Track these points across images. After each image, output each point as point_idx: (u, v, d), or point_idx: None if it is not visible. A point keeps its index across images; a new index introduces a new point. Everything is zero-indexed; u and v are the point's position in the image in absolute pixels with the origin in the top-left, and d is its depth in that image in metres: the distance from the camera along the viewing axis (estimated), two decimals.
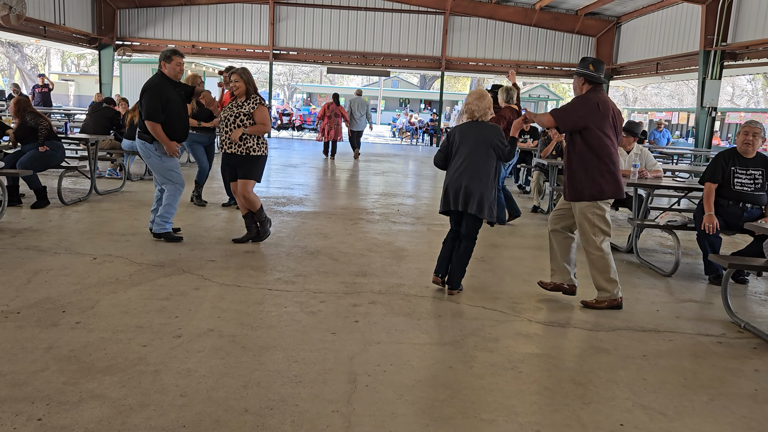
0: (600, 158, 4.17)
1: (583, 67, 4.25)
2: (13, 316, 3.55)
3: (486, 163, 4.33)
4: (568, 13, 19.79)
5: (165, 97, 5.36)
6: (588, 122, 4.14)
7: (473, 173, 4.29)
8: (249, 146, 5.47)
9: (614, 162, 4.21)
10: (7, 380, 2.77)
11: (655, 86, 43.92)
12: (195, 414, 2.58)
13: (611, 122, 4.21)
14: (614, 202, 6.49)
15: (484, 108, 4.40)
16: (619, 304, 4.30)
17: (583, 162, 4.20)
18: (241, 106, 5.43)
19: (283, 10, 20.25)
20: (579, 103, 4.22)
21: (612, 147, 4.21)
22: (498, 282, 4.87)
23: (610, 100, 4.28)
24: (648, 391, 3.05)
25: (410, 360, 3.26)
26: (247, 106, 5.43)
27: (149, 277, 4.44)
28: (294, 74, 52.22)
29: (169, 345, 3.26)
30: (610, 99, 4.30)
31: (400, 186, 10.63)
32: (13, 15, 13.62)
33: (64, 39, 18.09)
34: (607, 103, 4.21)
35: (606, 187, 4.18)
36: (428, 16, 20.35)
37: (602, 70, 4.27)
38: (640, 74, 19.05)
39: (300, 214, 7.27)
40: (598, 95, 4.21)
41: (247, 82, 5.45)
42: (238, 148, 5.45)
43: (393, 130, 28.42)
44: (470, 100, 4.45)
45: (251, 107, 5.42)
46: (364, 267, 5.07)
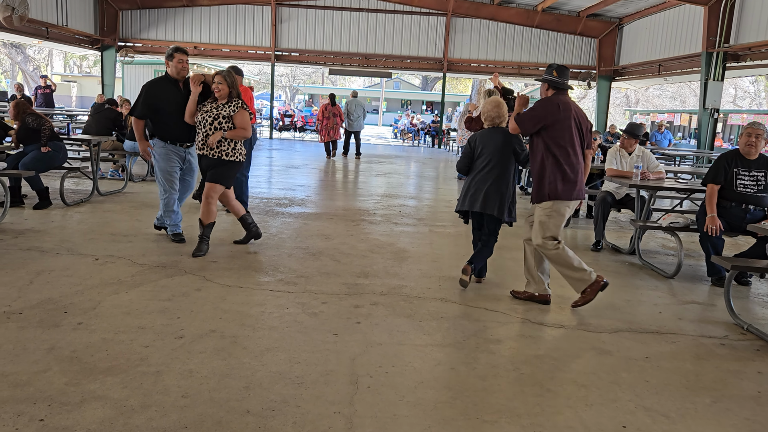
0: (557, 159, 4.18)
1: (548, 73, 4.31)
2: (15, 316, 3.56)
3: (507, 167, 4.51)
4: (570, 14, 19.79)
5: (156, 95, 5.28)
6: (546, 122, 4.17)
7: (496, 177, 4.46)
8: (223, 150, 5.18)
9: (573, 164, 4.21)
10: (9, 381, 2.77)
11: (657, 88, 43.88)
12: (197, 415, 2.58)
13: (573, 124, 4.21)
14: (616, 203, 6.51)
15: (502, 114, 4.57)
16: (601, 284, 4.22)
17: (543, 164, 4.23)
18: (221, 108, 5.16)
19: (285, 11, 20.27)
20: (539, 105, 4.27)
21: (571, 149, 4.20)
22: (500, 283, 4.87)
23: (573, 103, 4.32)
24: (650, 393, 3.04)
25: (412, 361, 3.25)
26: (228, 108, 5.16)
27: (151, 278, 4.44)
28: (296, 75, 52.27)
29: (171, 346, 3.26)
30: (574, 103, 4.33)
31: (402, 187, 10.62)
32: (16, 16, 13.64)
33: (67, 40, 18.12)
34: (569, 105, 4.24)
35: (561, 187, 4.18)
36: (430, 18, 20.36)
37: (566, 76, 4.32)
38: (642, 76, 19.04)
39: (302, 216, 7.27)
40: (559, 98, 4.25)
41: (230, 86, 5.17)
42: (211, 151, 5.17)
43: (395, 131, 28.42)
44: (489, 108, 4.59)
45: (232, 110, 5.16)
46: (365, 268, 5.06)
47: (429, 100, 41.23)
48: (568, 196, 4.21)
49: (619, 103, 48.26)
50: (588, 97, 45.06)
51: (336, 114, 15.07)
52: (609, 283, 4.32)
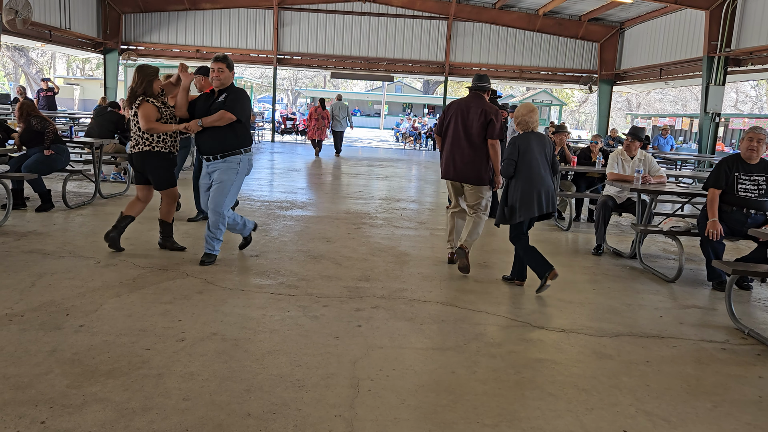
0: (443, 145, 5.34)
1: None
2: (17, 319, 3.56)
3: (547, 168, 4.81)
4: (571, 18, 19.82)
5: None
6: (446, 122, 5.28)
7: (545, 178, 4.77)
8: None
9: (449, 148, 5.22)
10: (10, 383, 2.78)
11: (658, 92, 43.92)
12: (198, 418, 2.58)
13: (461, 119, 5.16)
14: (617, 207, 6.51)
15: (536, 120, 4.86)
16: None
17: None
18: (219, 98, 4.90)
19: (288, 15, 20.33)
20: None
21: (451, 138, 5.22)
22: (500, 287, 4.87)
23: (475, 101, 5.17)
24: (651, 397, 3.04)
25: (413, 365, 3.25)
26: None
27: (153, 281, 4.45)
28: (298, 79, 52.36)
29: (172, 349, 3.27)
30: (478, 101, 5.18)
31: (403, 191, 10.63)
32: (19, 19, 13.69)
33: (70, 43, 18.18)
34: (462, 104, 5.19)
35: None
36: (432, 22, 20.40)
37: (482, 80, 5.25)
38: (643, 80, 19.06)
39: (303, 219, 7.28)
40: (462, 99, 5.27)
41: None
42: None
43: (396, 134, 28.44)
44: (524, 112, 4.83)
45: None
46: (367, 271, 5.07)
47: (430, 103, 41.26)
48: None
49: (621, 107, 48.29)
50: (589, 101, 45.10)
51: (324, 117, 16.69)
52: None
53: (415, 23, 20.46)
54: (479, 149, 5.10)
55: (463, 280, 4.98)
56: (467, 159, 5.11)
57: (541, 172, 4.71)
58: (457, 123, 5.16)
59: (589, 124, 53.98)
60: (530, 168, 4.68)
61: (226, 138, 4.91)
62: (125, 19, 20.00)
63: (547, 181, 4.75)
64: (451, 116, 5.21)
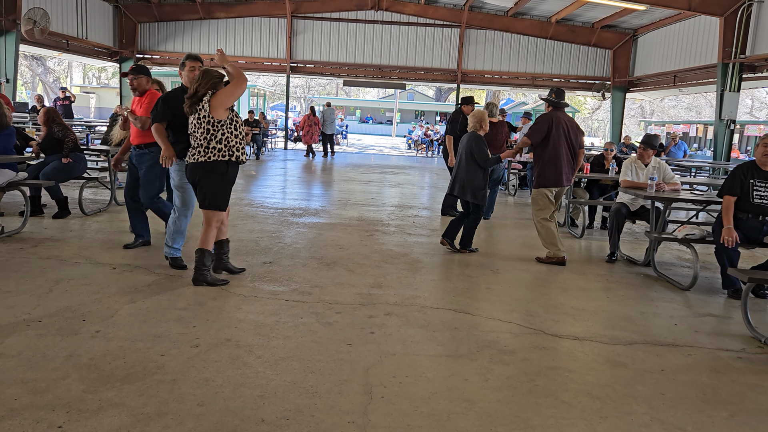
0: (550, 156, 5.91)
1: (548, 95, 6.02)
2: (34, 324, 3.61)
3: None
4: (584, 25, 19.79)
5: (170, 107, 4.83)
6: (547, 133, 5.89)
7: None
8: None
9: (559, 158, 5.92)
10: (28, 387, 2.82)
11: (672, 99, 43.63)
12: (212, 423, 2.60)
13: (563, 132, 5.92)
14: (631, 214, 6.48)
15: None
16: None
17: (539, 159, 5.98)
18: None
19: (301, 23, 20.47)
20: (541, 120, 5.94)
21: (561, 149, 5.91)
22: (513, 294, 4.86)
23: (564, 116, 5.99)
24: (666, 406, 3.02)
25: (426, 372, 3.26)
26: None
27: (167, 287, 4.49)
28: (311, 87, 52.61)
29: (186, 354, 3.30)
30: (565, 115, 6.01)
31: (416, 198, 10.64)
32: (37, 29, 13.91)
33: (86, 52, 18.43)
34: (560, 119, 5.92)
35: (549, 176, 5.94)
36: (444, 29, 20.45)
37: (562, 96, 6.02)
38: (657, 87, 18.96)
39: (316, 226, 7.31)
40: (554, 114, 5.94)
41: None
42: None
43: (408, 142, 28.48)
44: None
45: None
46: (379, 278, 5.08)
47: (443, 111, 41.28)
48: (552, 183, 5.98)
49: (634, 114, 48.01)
50: (602, 108, 44.89)
51: (315, 123, 18.60)
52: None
53: (427, 31, 20.53)
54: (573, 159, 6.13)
55: (476, 288, 4.98)
56: (571, 166, 6.07)
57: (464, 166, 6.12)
58: (561, 135, 5.90)
59: (602, 131, 53.72)
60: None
61: None
62: (141, 29, 20.24)
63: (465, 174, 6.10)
64: (555, 129, 5.87)
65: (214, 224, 4.58)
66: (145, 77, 5.68)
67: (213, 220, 4.57)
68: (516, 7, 18.63)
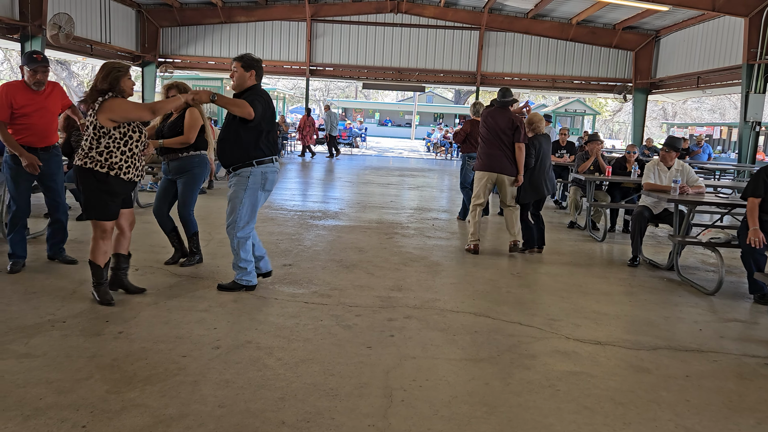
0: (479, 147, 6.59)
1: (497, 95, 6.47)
2: (59, 324, 3.66)
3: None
4: (605, 27, 19.60)
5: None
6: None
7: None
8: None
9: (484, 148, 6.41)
10: (53, 387, 2.85)
11: (695, 100, 43.03)
12: (233, 425, 2.61)
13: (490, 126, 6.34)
14: (654, 218, 6.38)
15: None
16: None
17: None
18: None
19: (320, 26, 20.57)
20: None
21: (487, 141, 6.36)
22: (534, 298, 4.82)
23: (498, 112, 6.35)
24: (691, 413, 2.97)
25: (446, 375, 3.24)
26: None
27: (189, 289, 4.52)
28: (330, 89, 52.80)
29: (207, 356, 3.32)
30: (500, 111, 6.36)
31: (435, 201, 10.61)
32: (62, 34, 14.14)
33: (110, 57, 18.66)
34: (490, 114, 6.38)
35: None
36: (464, 32, 20.40)
37: (505, 95, 6.36)
38: (680, 88, 18.70)
39: (335, 228, 7.32)
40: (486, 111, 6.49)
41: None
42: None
43: (427, 144, 28.44)
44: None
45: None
46: (399, 281, 5.07)
47: (462, 113, 41.13)
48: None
49: (656, 116, 47.44)
50: (624, 110, 44.43)
51: (311, 124, 19.34)
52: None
53: (446, 33, 20.49)
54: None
55: (496, 292, 4.95)
56: (505, 156, 6.40)
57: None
58: (489, 129, 6.40)
59: (623, 133, 53.14)
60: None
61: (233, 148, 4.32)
62: (163, 33, 20.48)
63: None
64: (482, 124, 6.41)
65: (98, 235, 4.06)
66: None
67: (96, 230, 4.06)
68: (536, 9, 18.53)
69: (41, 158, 4.69)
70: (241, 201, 4.32)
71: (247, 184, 4.31)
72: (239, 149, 4.29)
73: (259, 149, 4.30)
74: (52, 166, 4.85)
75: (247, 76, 4.30)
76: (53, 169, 4.87)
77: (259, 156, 4.30)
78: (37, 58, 4.64)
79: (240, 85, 4.32)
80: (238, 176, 4.34)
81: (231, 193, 4.39)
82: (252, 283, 4.52)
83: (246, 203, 4.33)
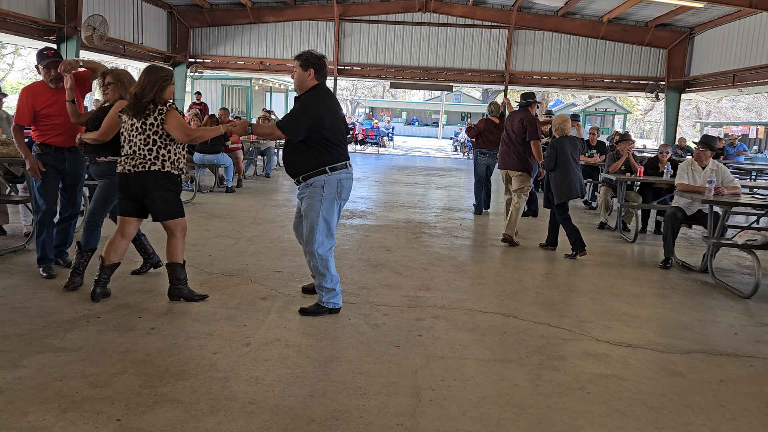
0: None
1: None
2: (94, 320, 3.74)
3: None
4: (637, 24, 19.27)
5: None
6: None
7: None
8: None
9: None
10: (89, 381, 2.92)
11: (730, 99, 42.05)
12: (263, 421, 2.64)
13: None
14: (687, 219, 6.26)
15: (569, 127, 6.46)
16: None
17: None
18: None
19: (348, 26, 20.61)
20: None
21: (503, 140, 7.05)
22: (564, 299, 4.76)
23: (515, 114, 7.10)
24: (726, 418, 2.91)
25: (474, 376, 3.22)
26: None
27: (219, 286, 4.58)
28: (357, 89, 52.94)
29: (238, 353, 3.36)
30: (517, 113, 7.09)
31: (462, 200, 10.56)
32: (96, 35, 14.44)
33: (142, 57, 18.99)
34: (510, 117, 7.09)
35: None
36: (492, 31, 20.25)
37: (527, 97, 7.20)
38: (714, 87, 18.28)
39: (363, 227, 7.34)
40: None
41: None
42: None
43: (455, 144, 28.33)
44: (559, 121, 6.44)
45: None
46: (426, 281, 5.06)
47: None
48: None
49: (689, 115, 46.50)
50: (655, 109, 43.64)
51: None
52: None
53: (475, 32, 20.36)
54: None
55: (525, 292, 4.90)
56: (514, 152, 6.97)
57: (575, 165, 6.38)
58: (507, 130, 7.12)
59: (654, 132, 52.19)
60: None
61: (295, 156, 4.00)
62: (193, 33, 20.75)
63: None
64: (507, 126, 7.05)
65: (182, 234, 4.20)
66: None
67: (179, 230, 4.18)
68: (566, 6, 18.29)
69: (67, 159, 4.61)
70: (318, 214, 3.90)
71: (323, 194, 3.90)
72: (306, 156, 3.90)
73: (329, 154, 3.90)
74: (78, 168, 4.74)
75: (306, 76, 3.93)
76: (78, 171, 4.76)
77: (331, 162, 3.91)
78: (48, 54, 4.47)
79: (300, 86, 3.96)
80: (311, 187, 3.92)
81: (305, 207, 3.97)
82: (338, 306, 4.10)
83: (321, 216, 3.91)
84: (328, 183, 3.89)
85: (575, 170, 6.25)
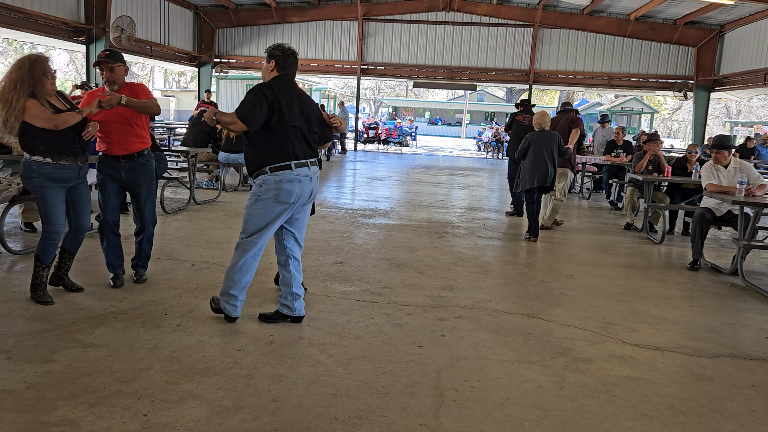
0: None
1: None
2: (121, 316, 3.80)
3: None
4: (665, 22, 18.97)
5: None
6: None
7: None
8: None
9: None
10: (116, 377, 2.96)
11: (761, 98, 41.12)
12: (286, 419, 2.65)
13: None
14: (716, 220, 6.14)
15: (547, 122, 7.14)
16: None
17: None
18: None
19: (372, 26, 20.64)
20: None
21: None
22: (589, 301, 4.71)
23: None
24: (757, 424, 2.84)
25: (498, 377, 3.20)
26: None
27: None
28: (380, 88, 52.97)
29: (262, 351, 3.38)
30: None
31: (486, 200, 10.51)
32: (124, 36, 14.67)
33: (168, 57, 19.25)
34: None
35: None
36: (516, 29, 20.11)
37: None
38: (745, 85, 17.91)
39: (386, 227, 7.34)
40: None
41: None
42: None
43: (478, 143, 28.17)
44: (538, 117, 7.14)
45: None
46: (450, 281, 5.04)
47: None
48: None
49: (718, 114, 45.63)
50: (683, 108, 42.90)
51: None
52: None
53: (499, 31, 20.24)
54: None
55: (549, 293, 4.86)
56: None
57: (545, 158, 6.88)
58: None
59: (682, 132, 51.31)
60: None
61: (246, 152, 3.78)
62: (218, 34, 20.97)
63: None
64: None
65: None
66: (124, 66, 4.42)
67: None
68: (592, 5, 18.09)
69: (122, 167, 4.38)
70: (249, 214, 3.66)
71: (258, 193, 3.63)
72: (250, 152, 3.69)
73: (271, 152, 3.59)
74: (136, 176, 4.48)
75: (268, 67, 3.76)
76: (137, 179, 4.49)
77: (272, 161, 3.59)
78: (101, 54, 4.31)
79: (263, 78, 3.80)
80: (254, 185, 3.72)
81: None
82: (231, 315, 3.77)
83: (254, 215, 3.63)
84: (265, 183, 3.60)
85: (544, 162, 6.81)
